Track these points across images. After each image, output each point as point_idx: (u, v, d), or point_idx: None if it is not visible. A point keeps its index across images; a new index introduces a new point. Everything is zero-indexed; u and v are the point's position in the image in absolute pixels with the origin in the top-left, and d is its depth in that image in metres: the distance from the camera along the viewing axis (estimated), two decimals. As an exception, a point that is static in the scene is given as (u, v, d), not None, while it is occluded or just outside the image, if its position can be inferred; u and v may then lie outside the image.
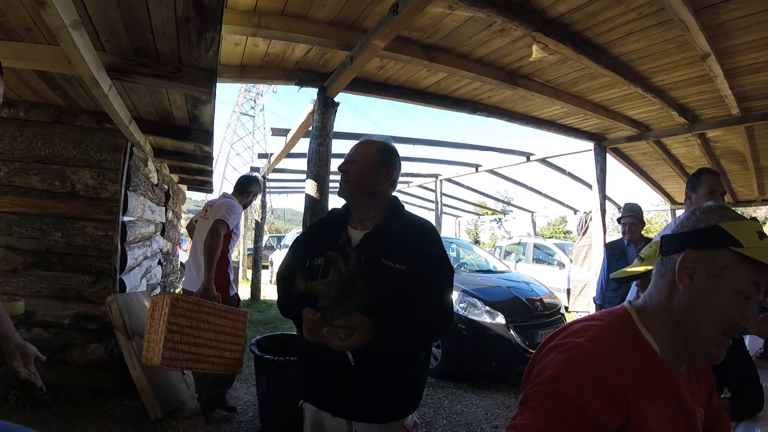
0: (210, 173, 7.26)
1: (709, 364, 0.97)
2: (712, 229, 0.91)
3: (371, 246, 1.56)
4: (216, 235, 3.22)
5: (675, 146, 7.25)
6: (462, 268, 6.55)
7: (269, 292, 11.16)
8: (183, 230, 8.68)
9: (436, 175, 11.43)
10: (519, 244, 13.07)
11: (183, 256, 10.14)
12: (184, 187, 9.12)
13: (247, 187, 3.84)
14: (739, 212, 0.97)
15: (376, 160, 1.66)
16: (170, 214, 7.39)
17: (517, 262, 11.87)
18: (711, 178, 2.46)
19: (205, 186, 9.01)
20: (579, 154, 7.61)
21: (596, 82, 4.71)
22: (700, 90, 4.81)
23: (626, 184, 56.60)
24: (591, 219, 8.13)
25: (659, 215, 22.53)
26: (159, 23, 2.15)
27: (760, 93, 4.85)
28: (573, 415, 0.78)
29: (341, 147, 20.07)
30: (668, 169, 8.23)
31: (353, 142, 1.78)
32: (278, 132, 6.65)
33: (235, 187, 3.86)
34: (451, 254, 7.15)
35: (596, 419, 0.78)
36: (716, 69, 3.97)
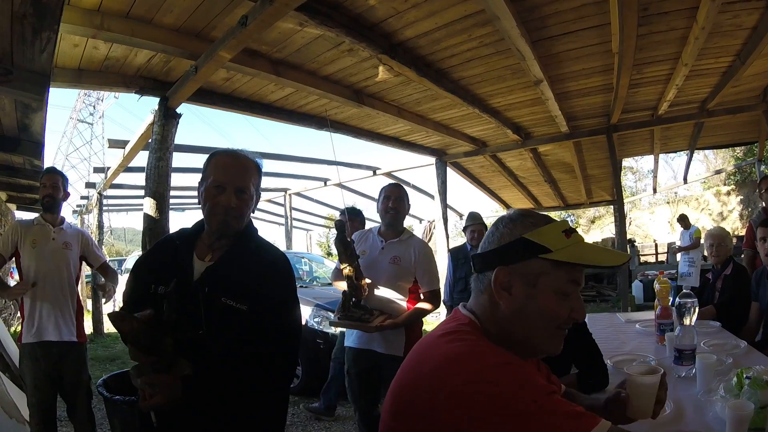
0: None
1: (550, 356, 0.99)
2: (517, 242, 0.92)
3: (212, 282, 1.38)
4: None
5: (509, 160, 8.19)
6: (314, 282, 6.55)
7: (112, 323, 9.89)
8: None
9: (285, 190, 11.20)
10: (370, 253, 13.37)
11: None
12: (13, 206, 7.92)
13: None
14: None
15: (258, 182, 1.50)
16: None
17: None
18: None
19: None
20: (422, 167, 8.20)
21: (438, 103, 5.09)
22: (533, 111, 5.48)
23: (466, 194, 62.16)
24: (434, 227, 8.74)
25: (498, 221, 25.25)
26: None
27: (587, 113, 5.71)
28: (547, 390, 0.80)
29: (185, 161, 18.68)
30: (504, 179, 9.25)
31: (198, 156, 1.65)
32: (116, 144, 6.01)
33: None
34: (304, 268, 7.13)
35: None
36: (548, 93, 4.54)
